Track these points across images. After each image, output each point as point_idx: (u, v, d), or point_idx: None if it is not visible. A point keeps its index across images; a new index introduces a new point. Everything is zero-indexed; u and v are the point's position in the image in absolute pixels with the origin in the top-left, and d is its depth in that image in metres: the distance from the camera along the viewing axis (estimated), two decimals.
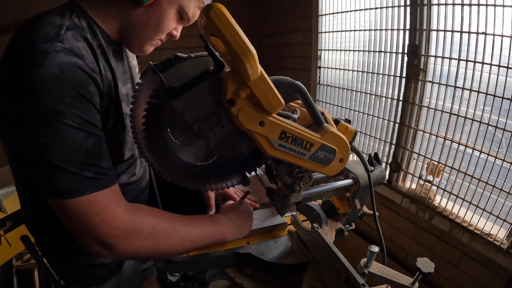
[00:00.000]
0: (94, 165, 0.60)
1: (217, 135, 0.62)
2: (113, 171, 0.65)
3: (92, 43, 0.65)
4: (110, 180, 0.63)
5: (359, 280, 0.60)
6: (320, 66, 2.40)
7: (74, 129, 0.57)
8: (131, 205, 0.66)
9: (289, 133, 0.60)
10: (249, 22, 3.08)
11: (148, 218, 0.66)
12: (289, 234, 0.93)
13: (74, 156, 0.57)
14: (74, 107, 0.57)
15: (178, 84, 0.59)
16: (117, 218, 0.61)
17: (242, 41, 0.48)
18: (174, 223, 0.69)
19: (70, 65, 0.57)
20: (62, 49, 0.57)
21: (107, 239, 0.60)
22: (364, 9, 1.91)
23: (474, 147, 1.44)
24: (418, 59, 1.60)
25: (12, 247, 1.88)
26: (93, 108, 0.61)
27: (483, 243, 1.44)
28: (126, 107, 0.77)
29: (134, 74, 0.89)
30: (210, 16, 0.46)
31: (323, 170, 0.69)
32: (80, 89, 0.58)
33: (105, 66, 0.69)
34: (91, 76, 0.60)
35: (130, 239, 0.62)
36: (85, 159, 0.59)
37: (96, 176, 0.60)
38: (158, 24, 0.73)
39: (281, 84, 0.59)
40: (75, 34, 0.61)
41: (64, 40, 0.58)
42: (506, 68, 1.28)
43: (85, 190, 0.58)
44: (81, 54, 0.60)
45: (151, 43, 0.78)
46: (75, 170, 0.57)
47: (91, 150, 0.60)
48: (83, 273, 0.91)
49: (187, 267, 0.84)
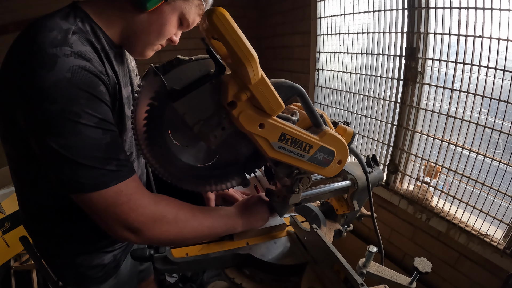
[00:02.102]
0: (114, 159, 0.63)
1: (218, 137, 0.62)
2: (130, 162, 0.68)
3: (97, 47, 0.67)
4: (130, 170, 0.66)
5: (358, 279, 0.61)
6: (319, 68, 2.41)
7: (91, 128, 0.60)
8: (153, 194, 0.70)
9: (288, 135, 0.61)
10: (248, 24, 3.09)
11: (171, 205, 0.70)
12: (288, 235, 0.93)
13: (95, 152, 0.60)
14: (89, 107, 0.60)
15: (180, 86, 0.59)
16: (144, 205, 0.65)
17: (244, 44, 0.49)
18: (192, 211, 0.73)
19: (80, 68, 0.59)
20: (72, 53, 0.59)
21: (136, 225, 0.64)
22: (362, 12, 1.92)
23: (471, 149, 1.45)
24: (415, 61, 1.61)
25: (10, 248, 1.88)
26: (105, 107, 0.64)
27: (480, 244, 1.45)
28: (127, 110, 0.80)
29: (132, 76, 0.90)
30: (213, 19, 0.47)
31: (322, 172, 0.69)
32: (92, 91, 0.60)
33: (109, 69, 0.70)
34: (100, 78, 0.63)
35: (156, 224, 0.66)
36: (106, 154, 0.62)
37: (118, 169, 0.63)
38: (160, 30, 0.75)
39: (281, 87, 0.60)
40: (81, 39, 0.63)
41: (72, 44, 0.60)
42: (502, 71, 1.29)
43: (110, 182, 0.62)
44: (89, 57, 0.62)
45: (152, 47, 0.81)
46: (98, 165, 0.61)
47: (110, 145, 0.63)
48: (80, 274, 0.91)
49: (186, 268, 0.84)
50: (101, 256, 0.92)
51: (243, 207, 0.85)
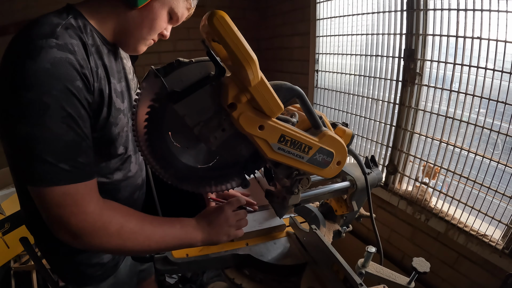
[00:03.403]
0: (70, 159, 0.62)
1: (218, 139, 0.63)
2: (90, 167, 0.67)
3: (85, 41, 0.68)
4: (85, 175, 0.65)
5: (357, 279, 0.62)
6: (318, 69, 2.41)
7: (56, 122, 0.60)
8: (104, 201, 0.69)
9: (288, 137, 0.62)
10: (248, 25, 3.10)
11: (117, 217, 0.69)
12: (288, 235, 0.94)
13: (53, 147, 0.60)
14: (60, 100, 0.60)
15: (180, 88, 0.60)
16: (87, 213, 0.64)
17: (244, 47, 0.49)
18: (142, 223, 0.72)
19: (61, 60, 0.60)
20: (56, 44, 0.61)
21: (75, 230, 0.64)
22: (361, 14, 1.93)
23: (470, 150, 1.46)
24: (414, 63, 1.62)
25: (10, 249, 1.88)
26: (78, 104, 0.64)
27: (479, 244, 1.46)
28: (120, 103, 0.81)
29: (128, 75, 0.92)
30: (213, 22, 0.48)
31: (321, 173, 0.70)
32: (68, 84, 0.61)
33: (97, 63, 0.72)
34: (79, 72, 0.63)
35: (96, 234, 0.65)
36: (62, 152, 0.61)
37: (71, 169, 0.62)
38: (151, 25, 0.77)
39: (281, 89, 0.61)
40: (69, 32, 0.65)
41: (59, 36, 0.62)
42: (500, 72, 1.30)
43: (59, 181, 0.61)
44: (73, 50, 0.63)
45: (145, 42, 0.82)
46: (52, 160, 0.60)
47: (70, 143, 0.62)
48: (80, 272, 0.92)
49: (186, 268, 0.85)
50: (100, 255, 0.92)
51: (207, 220, 0.82)
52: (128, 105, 0.88)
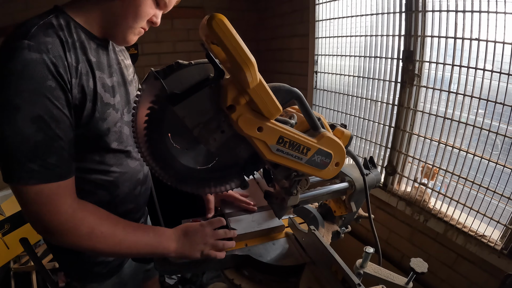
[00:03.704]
0: (39, 158, 0.64)
1: (217, 140, 0.64)
2: (63, 168, 0.68)
3: (63, 38, 0.69)
4: (56, 175, 0.67)
5: (355, 280, 0.62)
6: (317, 71, 2.42)
7: (25, 122, 0.62)
8: (79, 202, 0.71)
9: (286, 138, 0.62)
10: (247, 26, 3.11)
11: (89, 219, 0.71)
12: (287, 236, 0.94)
13: (22, 147, 0.62)
14: (30, 101, 0.62)
15: (179, 90, 0.60)
16: (59, 212, 0.67)
17: (242, 50, 0.50)
18: (114, 228, 0.74)
19: (32, 61, 0.62)
20: (27, 45, 0.62)
21: (49, 228, 0.67)
22: (360, 15, 1.93)
23: (468, 150, 1.46)
24: (412, 64, 1.63)
25: (10, 250, 1.88)
26: (49, 104, 0.65)
27: (478, 245, 1.46)
28: (109, 98, 0.81)
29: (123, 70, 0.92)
30: (212, 26, 0.48)
31: (319, 174, 0.70)
32: (38, 85, 0.62)
33: (79, 59, 0.72)
34: (52, 71, 0.64)
35: (67, 233, 0.68)
36: (32, 152, 0.63)
37: (40, 169, 0.64)
38: (136, 12, 0.77)
39: (279, 91, 0.61)
40: (45, 31, 0.66)
41: (32, 37, 0.63)
42: (498, 74, 1.30)
43: (29, 180, 0.63)
44: (46, 49, 0.64)
45: (133, 31, 0.82)
46: (22, 159, 0.63)
47: (39, 144, 0.64)
48: (86, 269, 0.94)
49: (186, 269, 0.85)
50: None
51: (183, 232, 0.84)
52: (123, 100, 0.88)
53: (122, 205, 0.94)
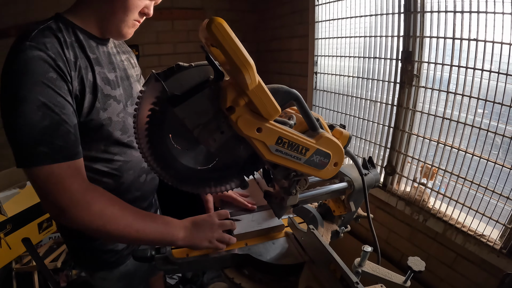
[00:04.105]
0: (47, 141, 0.70)
1: (217, 141, 0.64)
2: (70, 149, 0.74)
3: (61, 38, 0.77)
4: (65, 156, 0.73)
5: (353, 278, 0.63)
6: (317, 71, 2.43)
7: (32, 110, 0.69)
8: (89, 184, 0.76)
9: (285, 139, 0.63)
10: (247, 27, 3.12)
11: (100, 199, 0.75)
12: (286, 235, 0.95)
13: (31, 133, 0.69)
14: (34, 91, 0.69)
15: (180, 92, 0.62)
16: (71, 190, 0.72)
17: (241, 53, 0.51)
18: (124, 210, 0.77)
19: (33, 58, 0.70)
20: (29, 45, 0.70)
21: (60, 206, 0.71)
22: (359, 16, 1.94)
23: (467, 150, 1.47)
24: (411, 65, 1.64)
25: (12, 250, 1.89)
26: (52, 92, 0.72)
27: (477, 244, 1.47)
28: (110, 90, 0.88)
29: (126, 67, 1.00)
30: (211, 29, 0.49)
31: (318, 174, 0.71)
32: (40, 77, 0.70)
33: (77, 55, 0.80)
34: (52, 65, 0.72)
35: (80, 211, 0.72)
36: (40, 136, 0.70)
37: (49, 151, 0.70)
38: (125, 5, 0.82)
39: (278, 92, 0.62)
40: (44, 32, 0.74)
41: (33, 38, 0.72)
42: (497, 73, 1.31)
43: (41, 162, 0.69)
44: (46, 47, 0.72)
45: (127, 24, 0.87)
46: (32, 144, 0.69)
47: (46, 128, 0.70)
48: (95, 257, 0.99)
49: (187, 268, 0.86)
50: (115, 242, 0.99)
51: (191, 221, 0.86)
52: (125, 93, 0.95)
53: (128, 193, 0.98)
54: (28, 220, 1.97)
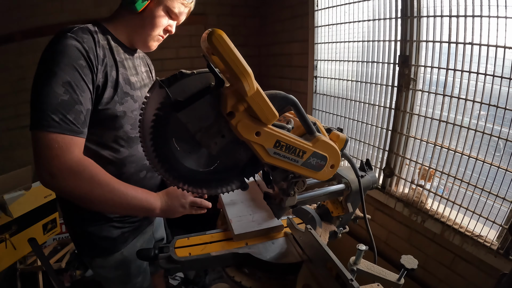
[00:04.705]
0: (62, 114, 0.81)
1: (218, 144, 0.67)
2: (78, 127, 0.85)
3: (95, 38, 0.91)
4: (72, 130, 0.83)
5: (348, 275, 0.66)
6: (317, 75, 2.45)
7: (58, 84, 0.81)
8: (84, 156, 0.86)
9: (283, 142, 0.66)
10: (248, 32, 3.15)
11: (90, 168, 0.85)
12: (285, 236, 0.98)
13: (51, 101, 0.80)
14: (63, 70, 0.82)
15: (183, 98, 0.64)
16: (68, 158, 0.81)
17: (240, 62, 0.54)
18: (110, 179, 0.88)
19: (71, 45, 0.85)
20: (70, 36, 0.86)
21: (54, 171, 0.80)
22: (357, 21, 1.98)
23: (463, 152, 1.49)
24: (408, 69, 1.66)
25: (17, 251, 1.92)
26: (78, 76, 0.84)
27: (474, 245, 1.48)
28: (129, 89, 1.01)
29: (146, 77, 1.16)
30: (212, 41, 0.52)
31: (315, 176, 0.73)
32: (72, 61, 0.84)
33: (106, 54, 0.94)
34: (84, 55, 0.86)
35: (71, 176, 0.82)
36: (57, 107, 0.81)
37: (60, 122, 0.81)
38: (152, 24, 1.00)
39: (275, 98, 0.65)
40: (83, 30, 0.89)
41: (74, 32, 0.87)
42: (492, 76, 1.33)
43: (49, 127, 0.79)
44: (82, 40, 0.87)
45: (153, 39, 1.04)
46: (48, 111, 0.80)
47: (64, 102, 0.82)
48: (93, 243, 1.06)
49: (189, 267, 0.89)
50: (110, 229, 1.06)
51: (165, 192, 1.02)
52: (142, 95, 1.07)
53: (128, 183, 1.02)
54: (33, 221, 2.01)
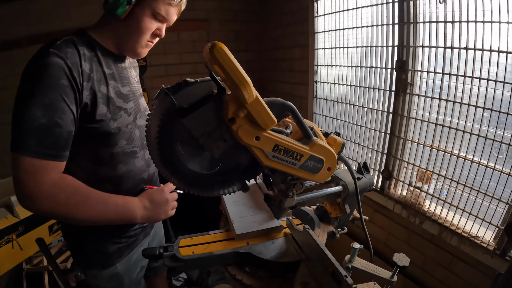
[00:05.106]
0: (38, 138, 0.78)
1: (220, 148, 0.71)
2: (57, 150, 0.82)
3: (81, 51, 0.86)
4: (49, 155, 0.80)
5: (342, 272, 0.69)
6: (317, 80, 2.49)
7: (37, 107, 0.78)
8: (61, 176, 0.84)
9: (281, 146, 0.69)
10: (251, 37, 3.19)
11: (67, 189, 0.84)
12: (285, 236, 1.01)
13: (29, 125, 0.77)
14: (44, 92, 0.78)
15: (187, 105, 0.68)
16: (44, 182, 0.80)
17: (239, 72, 0.58)
18: (87, 197, 0.87)
19: (52, 63, 0.79)
20: (52, 52, 0.80)
21: (31, 193, 0.79)
22: (356, 27, 2.02)
23: (459, 155, 1.52)
24: (405, 73, 1.70)
25: (23, 251, 1.96)
26: (59, 96, 0.80)
27: (471, 246, 1.50)
28: (123, 103, 0.97)
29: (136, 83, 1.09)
30: (213, 53, 0.57)
31: (313, 178, 0.77)
32: (53, 81, 0.79)
33: (93, 69, 0.88)
34: (66, 73, 0.81)
35: (46, 201, 0.81)
36: (35, 130, 0.78)
37: (37, 146, 0.78)
38: (138, 28, 0.92)
39: (274, 105, 0.69)
40: (67, 43, 0.84)
41: (57, 46, 0.81)
42: (486, 80, 1.37)
43: (26, 152, 0.77)
44: (65, 56, 0.81)
45: (141, 45, 0.96)
46: (25, 134, 0.77)
47: (43, 126, 0.78)
48: (88, 256, 1.06)
49: (192, 265, 0.92)
50: (106, 245, 1.05)
51: (148, 199, 0.99)
52: (136, 107, 1.03)
53: None
54: (39, 223, 2.05)
